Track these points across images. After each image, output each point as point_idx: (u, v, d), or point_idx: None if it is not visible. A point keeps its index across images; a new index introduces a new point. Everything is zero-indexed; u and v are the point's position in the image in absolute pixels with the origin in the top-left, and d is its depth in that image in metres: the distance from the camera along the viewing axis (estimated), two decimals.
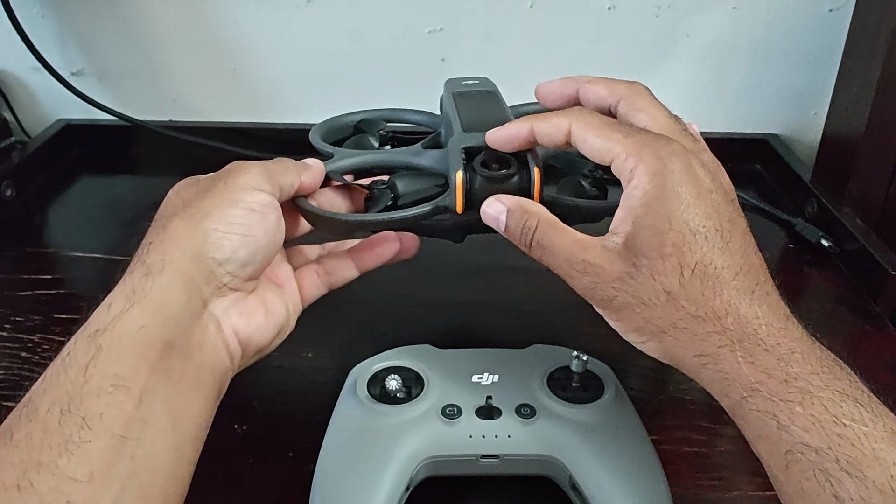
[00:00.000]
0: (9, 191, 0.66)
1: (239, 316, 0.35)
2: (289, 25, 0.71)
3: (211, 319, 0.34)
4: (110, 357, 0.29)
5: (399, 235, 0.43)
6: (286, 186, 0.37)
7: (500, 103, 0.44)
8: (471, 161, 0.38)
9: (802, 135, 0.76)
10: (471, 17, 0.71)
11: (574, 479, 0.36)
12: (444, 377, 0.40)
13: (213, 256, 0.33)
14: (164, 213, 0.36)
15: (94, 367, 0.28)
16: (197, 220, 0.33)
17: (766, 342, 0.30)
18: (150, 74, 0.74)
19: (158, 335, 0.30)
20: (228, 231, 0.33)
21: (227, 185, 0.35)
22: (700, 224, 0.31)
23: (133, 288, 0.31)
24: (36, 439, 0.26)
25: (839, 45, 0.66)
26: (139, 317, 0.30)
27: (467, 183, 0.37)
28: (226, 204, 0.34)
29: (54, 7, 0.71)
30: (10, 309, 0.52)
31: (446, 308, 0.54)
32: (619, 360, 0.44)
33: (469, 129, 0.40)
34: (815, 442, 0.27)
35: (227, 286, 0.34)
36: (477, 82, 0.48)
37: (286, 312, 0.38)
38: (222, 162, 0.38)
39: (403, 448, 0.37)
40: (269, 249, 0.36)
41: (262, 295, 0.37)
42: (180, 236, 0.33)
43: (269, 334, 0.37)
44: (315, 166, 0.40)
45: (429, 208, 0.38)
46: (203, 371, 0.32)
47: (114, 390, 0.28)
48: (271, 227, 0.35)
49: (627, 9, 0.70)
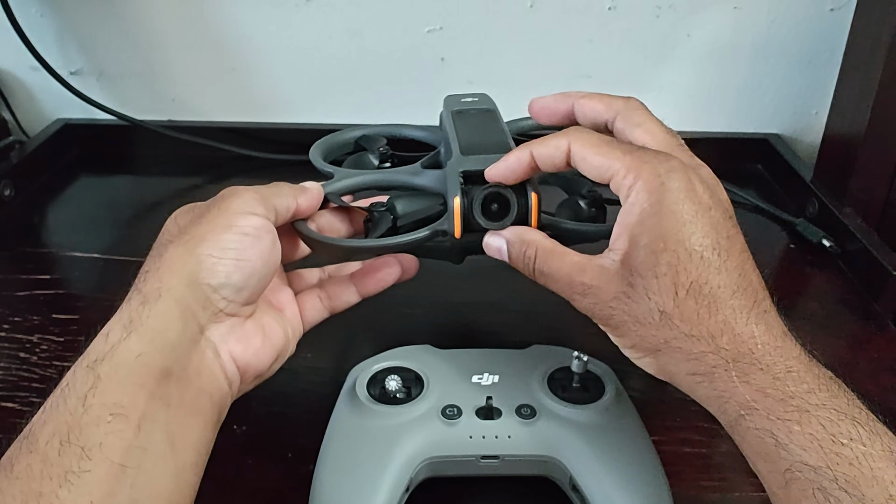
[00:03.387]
0: (7, 190, 0.66)
1: (236, 341, 0.35)
2: (288, 25, 0.71)
3: (208, 346, 0.34)
4: (109, 386, 0.29)
5: (399, 258, 0.43)
6: (282, 209, 0.38)
7: (499, 123, 0.45)
8: (468, 184, 0.38)
9: (804, 135, 0.76)
10: (471, 16, 0.70)
11: (574, 480, 0.36)
12: (444, 378, 0.40)
13: (208, 282, 0.33)
14: (162, 240, 0.36)
15: (93, 397, 0.28)
16: (191, 247, 0.34)
17: (761, 361, 0.30)
18: (149, 74, 0.74)
19: (156, 363, 0.30)
20: (222, 256, 0.34)
21: (220, 211, 0.35)
22: (697, 242, 0.31)
23: (130, 317, 0.31)
24: (36, 471, 0.27)
25: (840, 44, 0.66)
26: (136, 345, 0.30)
27: (465, 208, 0.37)
28: (219, 229, 0.34)
29: (53, 6, 0.71)
30: (9, 309, 0.52)
31: (446, 308, 0.53)
32: (619, 360, 0.43)
33: (467, 152, 0.40)
34: (813, 461, 0.27)
35: (224, 312, 0.34)
36: (476, 99, 0.48)
37: (285, 337, 0.39)
38: (222, 161, 0.38)
39: (403, 449, 0.36)
40: (264, 273, 0.36)
41: (260, 319, 0.37)
42: (175, 263, 0.33)
43: (267, 359, 0.37)
44: (312, 189, 0.40)
45: (427, 233, 0.38)
46: (202, 397, 0.32)
47: (113, 419, 0.28)
48: (266, 251, 0.35)
49: (628, 9, 0.70)
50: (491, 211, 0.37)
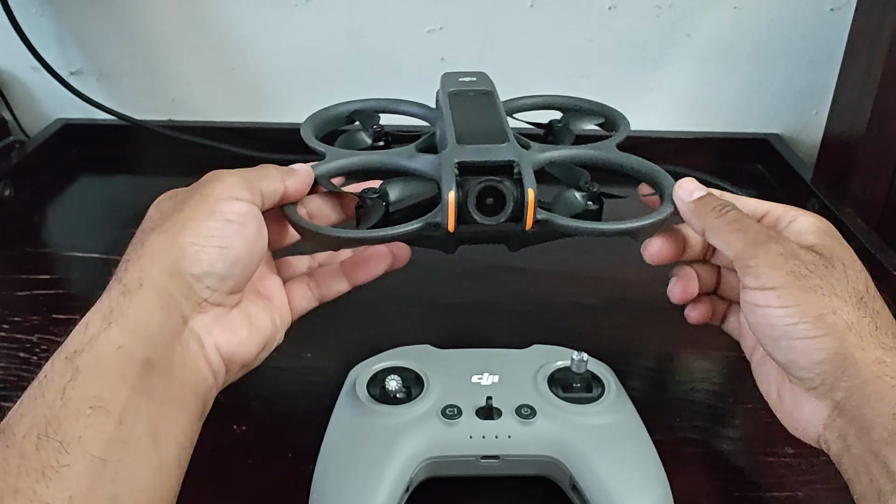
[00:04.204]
0: (7, 190, 0.66)
1: (221, 332, 0.34)
2: (288, 24, 0.71)
3: (192, 336, 0.33)
4: (88, 378, 0.28)
5: (390, 247, 0.42)
6: (268, 193, 0.36)
7: (496, 107, 0.44)
8: (463, 174, 0.37)
9: (804, 134, 0.76)
10: (471, 16, 0.70)
11: (574, 480, 0.36)
12: (444, 377, 0.40)
13: (191, 271, 0.32)
14: (143, 228, 0.35)
15: (72, 390, 0.28)
16: (173, 235, 0.33)
17: None
18: (148, 74, 0.74)
19: (137, 354, 0.30)
20: (205, 244, 0.33)
21: (202, 196, 0.34)
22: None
23: (110, 307, 0.31)
24: (13, 466, 0.26)
25: (840, 44, 0.66)
26: (117, 336, 0.30)
27: (460, 201, 0.37)
28: (202, 216, 0.33)
29: (53, 6, 0.71)
30: (9, 309, 0.52)
31: (446, 308, 0.53)
32: (619, 360, 0.44)
33: (463, 141, 0.39)
34: None
35: (208, 301, 0.33)
36: (474, 79, 0.47)
37: (272, 326, 0.37)
38: (222, 161, 0.38)
39: (403, 449, 0.36)
40: (249, 260, 0.35)
41: (246, 308, 0.36)
42: (157, 252, 0.32)
43: (253, 349, 0.36)
44: (301, 171, 0.39)
45: (420, 225, 0.37)
46: (185, 389, 0.32)
47: (92, 412, 0.27)
48: (250, 237, 0.34)
49: (628, 8, 0.70)
50: (486, 205, 0.37)
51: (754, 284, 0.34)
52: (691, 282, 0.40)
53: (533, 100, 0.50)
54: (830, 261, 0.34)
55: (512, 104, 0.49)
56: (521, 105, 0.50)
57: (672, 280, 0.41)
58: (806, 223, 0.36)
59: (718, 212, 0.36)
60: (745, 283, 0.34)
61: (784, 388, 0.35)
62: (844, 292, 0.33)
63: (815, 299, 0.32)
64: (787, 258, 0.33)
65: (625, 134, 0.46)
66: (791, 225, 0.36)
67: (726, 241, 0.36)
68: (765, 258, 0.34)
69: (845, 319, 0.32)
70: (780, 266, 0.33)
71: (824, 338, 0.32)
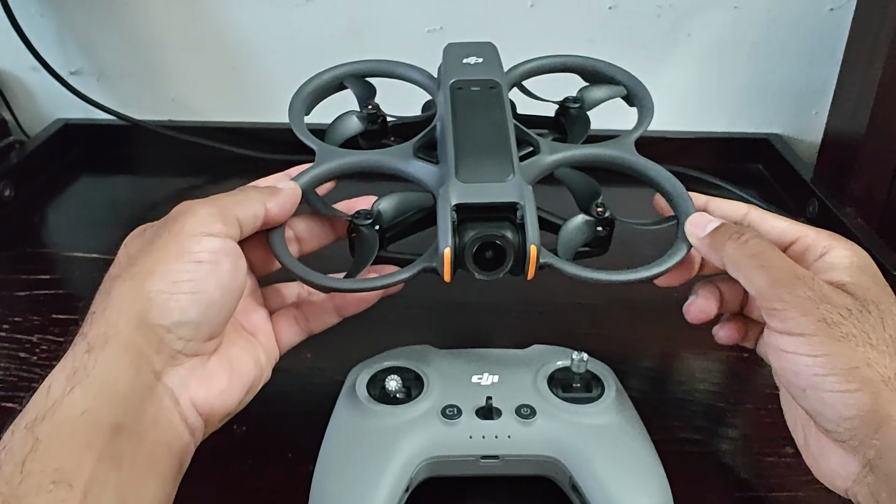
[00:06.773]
0: (7, 191, 0.66)
1: (198, 385, 0.31)
2: (288, 24, 0.71)
3: (166, 393, 0.30)
4: (49, 449, 0.26)
5: None
6: (247, 220, 0.34)
7: (503, 111, 0.41)
8: (462, 216, 0.35)
9: (804, 134, 0.76)
10: (471, 17, 0.70)
11: (574, 480, 0.36)
12: (443, 377, 0.40)
13: (160, 323, 0.30)
14: (111, 273, 0.32)
15: (32, 462, 0.25)
16: (139, 282, 0.30)
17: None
18: (148, 74, 0.74)
19: (104, 418, 0.27)
20: (174, 290, 0.30)
21: (171, 235, 0.31)
22: None
23: (74, 367, 0.28)
24: None
25: (840, 44, 0.66)
26: (81, 400, 0.27)
27: (457, 250, 0.35)
28: (170, 258, 0.30)
29: (53, 6, 0.71)
30: (9, 309, 0.52)
31: (446, 308, 0.53)
32: (619, 360, 0.44)
33: (463, 176, 0.36)
34: None
35: (182, 353, 0.31)
36: (480, 60, 0.44)
37: (256, 368, 0.35)
38: (222, 161, 0.37)
39: (403, 449, 0.36)
40: (225, 302, 0.32)
41: (227, 352, 0.33)
42: (123, 303, 0.30)
43: (234, 399, 0.33)
44: (285, 190, 0.36)
45: (415, 271, 0.36)
46: (158, 451, 0.29)
47: (54, 488, 0.25)
48: (225, 277, 0.31)
49: (628, 8, 0.70)
50: (485, 258, 0.35)
51: (780, 328, 0.31)
52: (709, 301, 0.37)
53: (550, 60, 0.46)
54: (865, 304, 0.31)
55: (512, 73, 0.46)
56: (536, 67, 0.46)
57: (690, 298, 0.38)
58: (840, 257, 0.33)
59: (736, 241, 0.34)
60: (770, 324, 0.32)
61: (810, 434, 0.33)
62: (880, 341, 0.30)
63: (847, 350, 0.29)
64: (816, 303, 0.30)
65: (646, 122, 0.42)
66: (823, 258, 0.34)
67: (748, 278, 0.33)
68: (792, 301, 0.31)
69: (880, 373, 0.29)
70: (810, 312, 0.30)
71: (857, 393, 0.29)
